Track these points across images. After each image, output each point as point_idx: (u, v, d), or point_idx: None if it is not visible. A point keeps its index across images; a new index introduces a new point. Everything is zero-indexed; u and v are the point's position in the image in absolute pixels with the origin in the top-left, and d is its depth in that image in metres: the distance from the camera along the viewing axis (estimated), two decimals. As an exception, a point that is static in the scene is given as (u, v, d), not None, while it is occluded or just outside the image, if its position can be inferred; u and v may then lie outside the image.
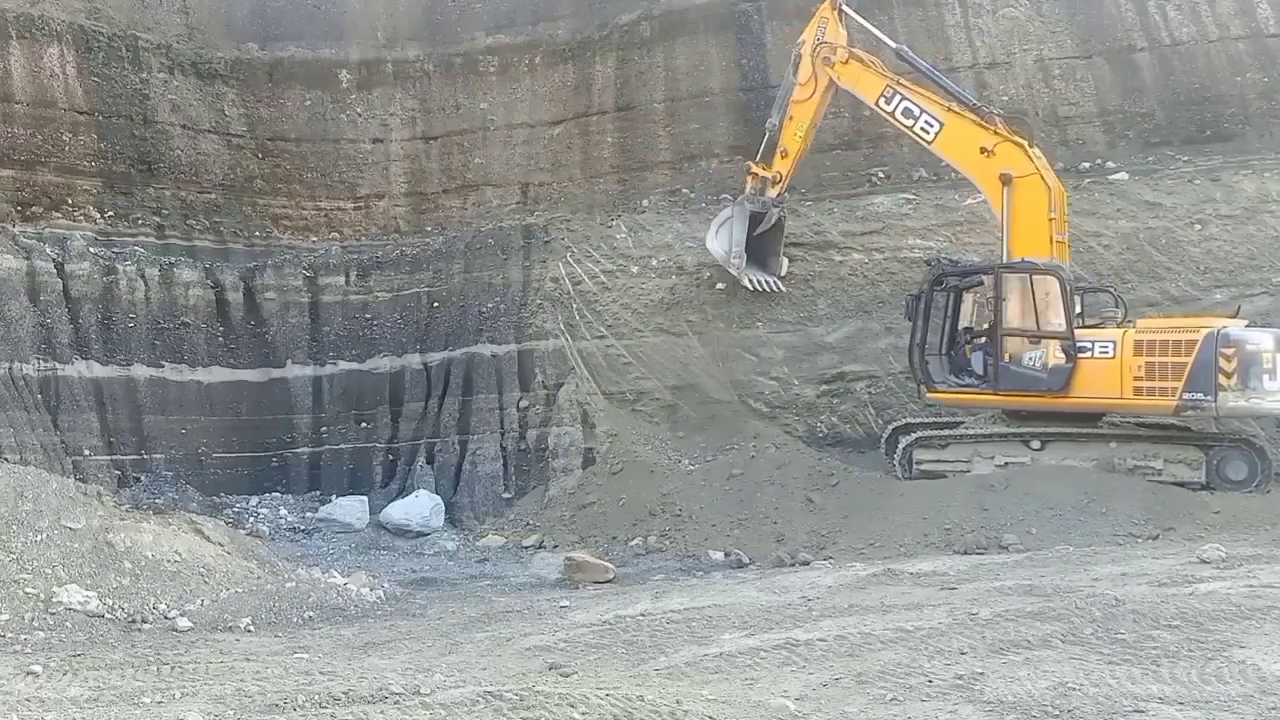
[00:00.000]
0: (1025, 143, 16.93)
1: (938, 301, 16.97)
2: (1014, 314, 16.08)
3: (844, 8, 18.41)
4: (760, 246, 19.05)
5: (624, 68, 22.64)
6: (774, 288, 19.18)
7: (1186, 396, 14.86)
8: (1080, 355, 15.57)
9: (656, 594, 11.92)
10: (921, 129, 17.15)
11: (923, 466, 16.45)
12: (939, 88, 17.63)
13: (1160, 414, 15.59)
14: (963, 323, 17.13)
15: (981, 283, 16.69)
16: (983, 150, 16.63)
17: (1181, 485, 15.19)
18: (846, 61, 17.81)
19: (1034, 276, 16.04)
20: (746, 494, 16.70)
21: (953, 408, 17.32)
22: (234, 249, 21.88)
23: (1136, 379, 15.19)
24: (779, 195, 18.81)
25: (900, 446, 16.77)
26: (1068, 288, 15.87)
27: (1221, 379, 14.69)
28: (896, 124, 17.56)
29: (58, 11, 20.83)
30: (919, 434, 16.76)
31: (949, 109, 17.09)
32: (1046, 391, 15.79)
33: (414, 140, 23.42)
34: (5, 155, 19.74)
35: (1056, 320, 15.89)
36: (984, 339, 16.53)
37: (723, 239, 18.77)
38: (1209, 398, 14.76)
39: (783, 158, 18.56)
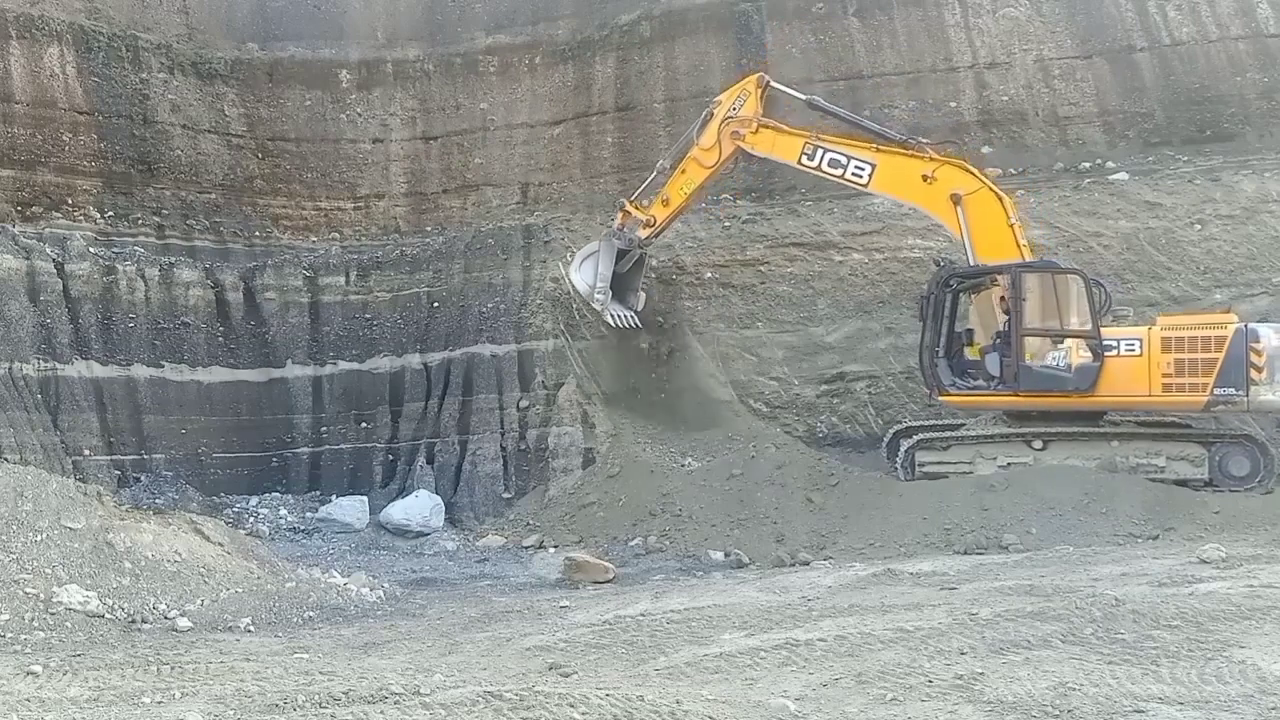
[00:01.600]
0: (963, 162, 16.88)
1: (945, 304, 16.89)
2: (1034, 314, 15.95)
3: (772, 84, 18.02)
4: (620, 281, 18.96)
5: (624, 68, 22.64)
6: (633, 324, 19.10)
7: (1218, 392, 14.92)
8: (1106, 354, 15.54)
9: (656, 594, 11.92)
10: (853, 175, 16.98)
11: (925, 469, 16.40)
12: (862, 130, 17.51)
13: (1189, 410, 15.61)
14: (961, 325, 17.08)
15: (989, 283, 16.58)
16: (925, 178, 16.53)
17: (1184, 483, 15.20)
18: (757, 131, 17.57)
19: (1055, 276, 15.99)
20: (746, 494, 16.69)
21: (963, 410, 17.22)
22: (234, 249, 21.88)
23: (1165, 376, 15.21)
24: (648, 239, 18.61)
25: (902, 449, 16.70)
26: (1090, 286, 15.85)
27: (1253, 373, 14.77)
28: (826, 176, 17.34)
29: (58, 11, 20.83)
30: (921, 436, 16.69)
31: (877, 149, 16.96)
32: (1073, 391, 15.72)
33: (414, 140, 23.43)
34: (5, 155, 19.74)
35: (1080, 319, 15.83)
36: (995, 340, 16.44)
37: (586, 273, 18.70)
38: (1241, 393, 14.83)
39: (663, 205, 18.33)
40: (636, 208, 18.52)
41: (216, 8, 23.37)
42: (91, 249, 19.82)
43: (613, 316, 18.81)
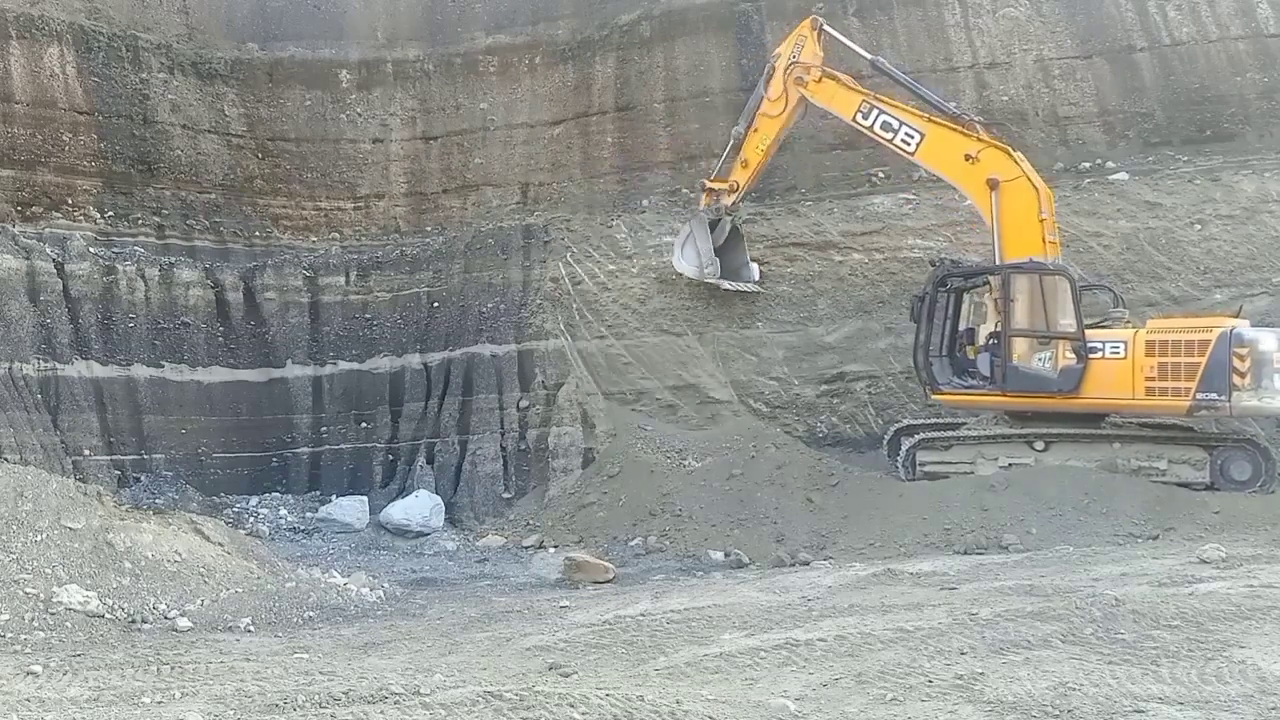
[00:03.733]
0: (1008, 148, 16.90)
1: (941, 303, 16.91)
2: (1022, 315, 15.99)
3: (825, 28, 18.30)
4: (727, 259, 19.10)
5: (624, 68, 22.63)
6: (754, 288, 19.25)
7: (1200, 396, 14.85)
8: (1091, 356, 15.53)
9: (656, 594, 11.92)
10: (902, 141, 17.10)
11: (926, 468, 16.38)
12: (918, 98, 17.60)
13: (1172, 414, 15.54)
14: (963, 324, 17.08)
15: (986, 283, 16.59)
16: (967, 157, 16.59)
17: (1186, 486, 15.17)
18: (820, 80, 17.73)
19: (1043, 277, 16.00)
20: (746, 494, 16.69)
21: (957, 409, 17.24)
22: (234, 249, 21.88)
23: (1149, 379, 15.17)
24: (734, 203, 18.77)
25: (904, 449, 16.70)
26: (1077, 288, 15.85)
27: (1235, 379, 14.70)
28: (876, 138, 17.50)
29: (58, 11, 20.83)
30: (922, 436, 16.68)
31: (929, 119, 17.05)
32: (1057, 392, 15.72)
33: (414, 140, 23.42)
34: (5, 155, 19.74)
35: (1066, 321, 15.84)
36: (990, 340, 16.45)
37: (689, 255, 18.87)
38: (1223, 397, 14.76)
39: (743, 167, 18.54)
40: (717, 183, 18.73)
41: (216, 8, 23.37)
42: (91, 249, 19.82)
43: (730, 286, 18.97)
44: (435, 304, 21.02)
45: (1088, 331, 15.72)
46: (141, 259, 20.37)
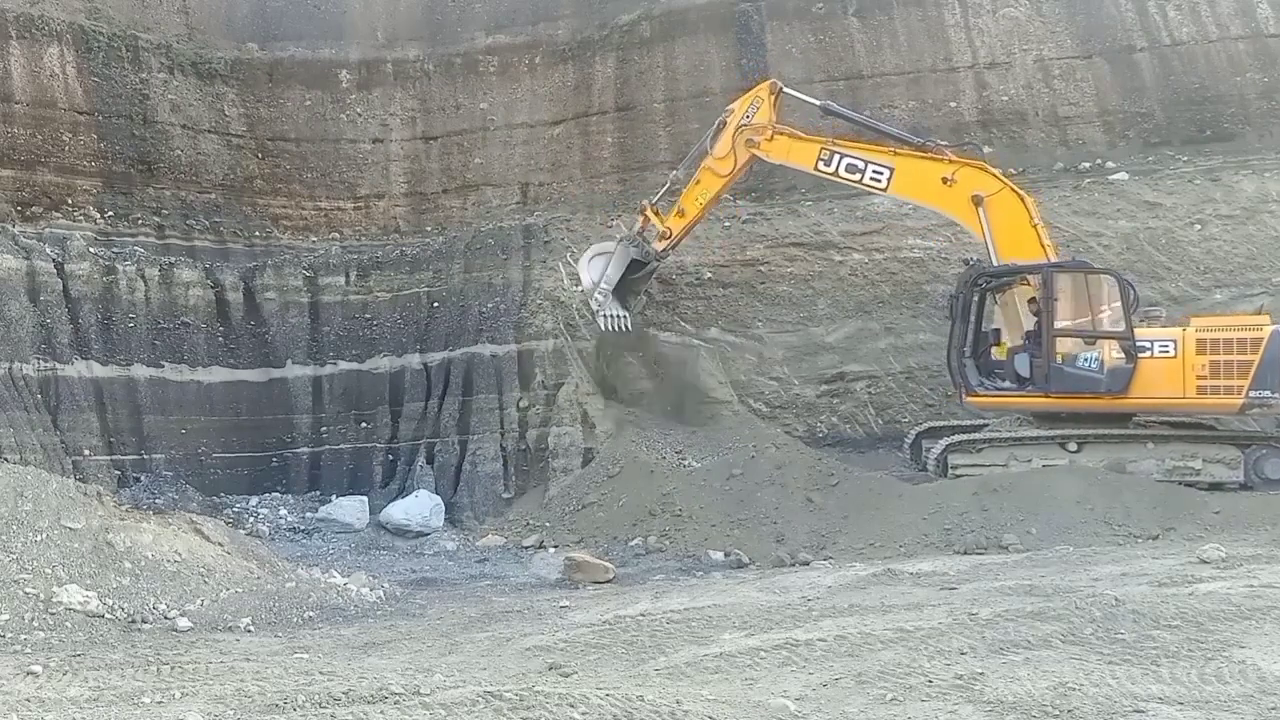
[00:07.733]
0: (983, 164, 16.71)
1: (973, 303, 16.60)
2: (1066, 315, 15.73)
3: (785, 90, 17.92)
4: (625, 284, 18.82)
5: (624, 68, 22.65)
6: (624, 327, 18.87)
7: (1253, 394, 14.80)
8: (1140, 355, 15.35)
9: (656, 594, 11.92)
10: (871, 179, 16.78)
11: (958, 471, 16.10)
12: (879, 134, 17.37)
13: (1224, 413, 15.45)
14: (988, 325, 16.88)
15: (1017, 283, 16.30)
16: (944, 181, 16.35)
17: (1219, 486, 15.09)
18: (772, 139, 17.36)
19: (1088, 276, 15.82)
20: (746, 494, 16.68)
21: (989, 411, 16.94)
22: (234, 249, 21.87)
23: (1200, 378, 15.06)
24: (664, 251, 18.38)
25: (936, 451, 16.37)
26: (1125, 287, 15.65)
27: None
28: (843, 181, 17.15)
29: (58, 11, 20.83)
30: (954, 438, 16.33)
31: (894, 152, 16.80)
32: (1106, 393, 15.51)
33: (414, 140, 23.43)
34: (5, 155, 19.73)
35: (1111, 320, 15.65)
36: (1027, 340, 16.16)
37: (594, 270, 18.48)
38: (1276, 395, 14.74)
39: (679, 216, 18.11)
40: (656, 214, 18.30)
41: (216, 8, 23.38)
42: (91, 249, 19.81)
43: (605, 319, 18.69)
44: (435, 304, 21.02)
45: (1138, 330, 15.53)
46: (141, 259, 20.35)
